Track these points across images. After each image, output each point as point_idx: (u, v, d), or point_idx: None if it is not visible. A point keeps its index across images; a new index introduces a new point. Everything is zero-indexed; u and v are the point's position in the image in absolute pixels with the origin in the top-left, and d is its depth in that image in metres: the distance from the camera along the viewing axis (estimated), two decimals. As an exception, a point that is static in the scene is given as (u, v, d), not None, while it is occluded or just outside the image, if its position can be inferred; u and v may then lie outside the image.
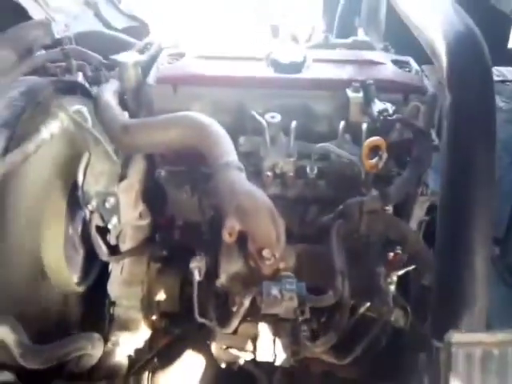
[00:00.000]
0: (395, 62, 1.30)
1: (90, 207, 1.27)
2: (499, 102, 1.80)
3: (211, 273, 1.17)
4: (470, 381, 0.77)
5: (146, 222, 1.37)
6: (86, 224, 1.31)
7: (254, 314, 1.16)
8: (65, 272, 1.32)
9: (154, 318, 1.38)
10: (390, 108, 1.10)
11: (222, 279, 1.14)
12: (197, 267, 1.16)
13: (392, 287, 1.12)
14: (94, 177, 1.30)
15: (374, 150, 1.05)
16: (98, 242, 1.31)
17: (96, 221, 1.30)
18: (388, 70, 1.27)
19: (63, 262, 1.31)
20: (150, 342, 1.39)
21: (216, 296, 1.21)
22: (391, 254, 1.12)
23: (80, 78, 1.50)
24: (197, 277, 1.15)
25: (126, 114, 1.30)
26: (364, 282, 1.12)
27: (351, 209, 1.12)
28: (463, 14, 0.92)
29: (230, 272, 1.14)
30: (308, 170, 1.16)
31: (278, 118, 1.17)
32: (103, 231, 1.34)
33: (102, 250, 1.32)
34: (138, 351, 1.37)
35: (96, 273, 1.44)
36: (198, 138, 1.12)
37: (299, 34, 1.60)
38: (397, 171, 1.18)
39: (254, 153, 1.18)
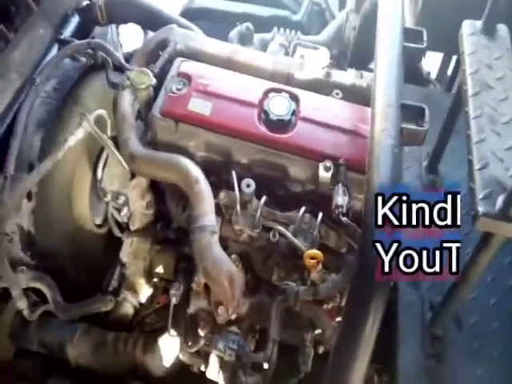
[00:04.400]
0: None
1: (105, 199, 1.61)
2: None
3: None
4: None
5: (151, 211, 1.67)
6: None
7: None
8: (88, 214, 1.75)
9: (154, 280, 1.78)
10: (345, 205, 1.28)
11: (191, 310, 1.50)
12: (174, 295, 1.49)
13: None
14: (109, 177, 1.61)
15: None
16: (113, 223, 1.68)
17: (111, 206, 1.64)
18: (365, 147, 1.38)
19: (87, 206, 1.74)
20: (151, 297, 1.80)
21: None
22: None
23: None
24: (173, 302, 1.49)
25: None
26: (293, 341, 1.48)
27: (289, 294, 1.40)
28: None
29: (197, 306, 1.50)
30: (271, 236, 1.40)
31: (252, 187, 1.38)
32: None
33: (115, 229, 1.68)
34: (140, 304, 1.80)
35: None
36: (187, 189, 1.41)
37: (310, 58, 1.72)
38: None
39: (231, 206, 1.42)
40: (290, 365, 1.51)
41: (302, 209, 1.39)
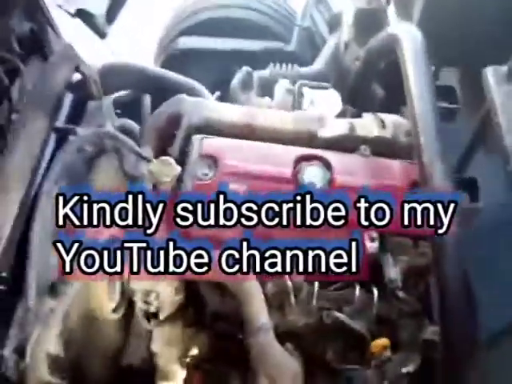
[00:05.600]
0: None
1: (134, 298, 1.49)
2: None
3: None
4: None
5: (180, 296, 1.56)
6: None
7: None
8: (103, 299, 1.54)
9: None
10: (399, 278, 1.24)
11: None
12: None
13: None
14: None
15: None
16: (141, 316, 1.55)
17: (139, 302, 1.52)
18: None
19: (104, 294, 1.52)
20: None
21: None
22: None
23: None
24: None
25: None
26: None
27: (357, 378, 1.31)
28: None
29: None
30: (324, 316, 1.31)
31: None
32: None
33: (144, 322, 1.56)
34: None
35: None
36: (233, 288, 1.31)
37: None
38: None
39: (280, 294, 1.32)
40: None
41: (358, 287, 1.30)
